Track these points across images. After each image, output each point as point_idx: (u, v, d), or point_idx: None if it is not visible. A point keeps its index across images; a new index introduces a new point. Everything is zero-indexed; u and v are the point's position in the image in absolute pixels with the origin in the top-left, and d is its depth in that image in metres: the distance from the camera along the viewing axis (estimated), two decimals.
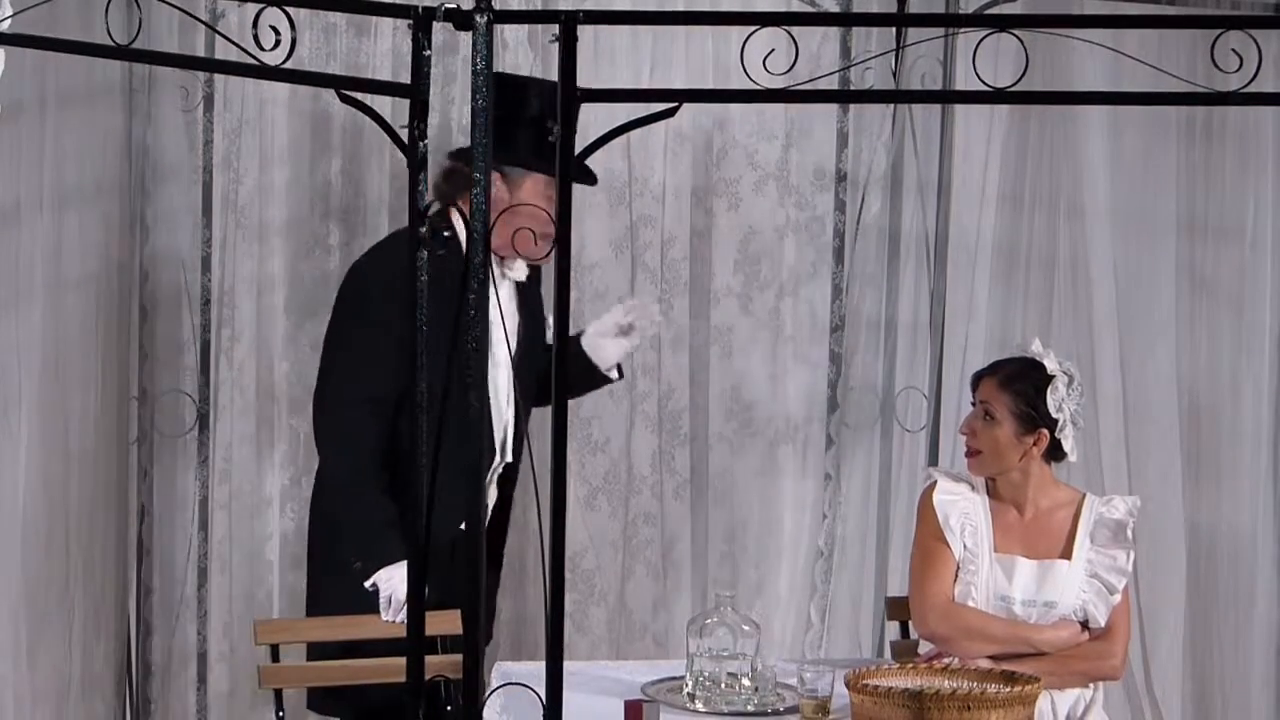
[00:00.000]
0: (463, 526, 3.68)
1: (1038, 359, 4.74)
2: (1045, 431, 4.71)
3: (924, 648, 4.81)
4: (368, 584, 4.92)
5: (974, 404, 4.78)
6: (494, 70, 3.53)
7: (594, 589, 6.03)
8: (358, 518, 4.95)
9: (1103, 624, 4.69)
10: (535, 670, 3.79)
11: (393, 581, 4.90)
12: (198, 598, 5.95)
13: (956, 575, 4.72)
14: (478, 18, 3.48)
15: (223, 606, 5.95)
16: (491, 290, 4.78)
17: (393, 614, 4.90)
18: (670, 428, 6.05)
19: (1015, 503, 4.76)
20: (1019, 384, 4.71)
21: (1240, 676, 6.09)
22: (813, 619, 6.13)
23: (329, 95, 5.63)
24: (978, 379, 4.80)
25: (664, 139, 5.97)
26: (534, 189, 4.96)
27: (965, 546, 4.72)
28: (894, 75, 5.89)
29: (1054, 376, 4.70)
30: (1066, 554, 4.72)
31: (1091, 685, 4.74)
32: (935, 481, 4.81)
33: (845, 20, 6.15)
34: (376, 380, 4.92)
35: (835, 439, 6.12)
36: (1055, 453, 4.74)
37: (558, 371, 3.63)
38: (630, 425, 6.04)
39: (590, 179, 4.92)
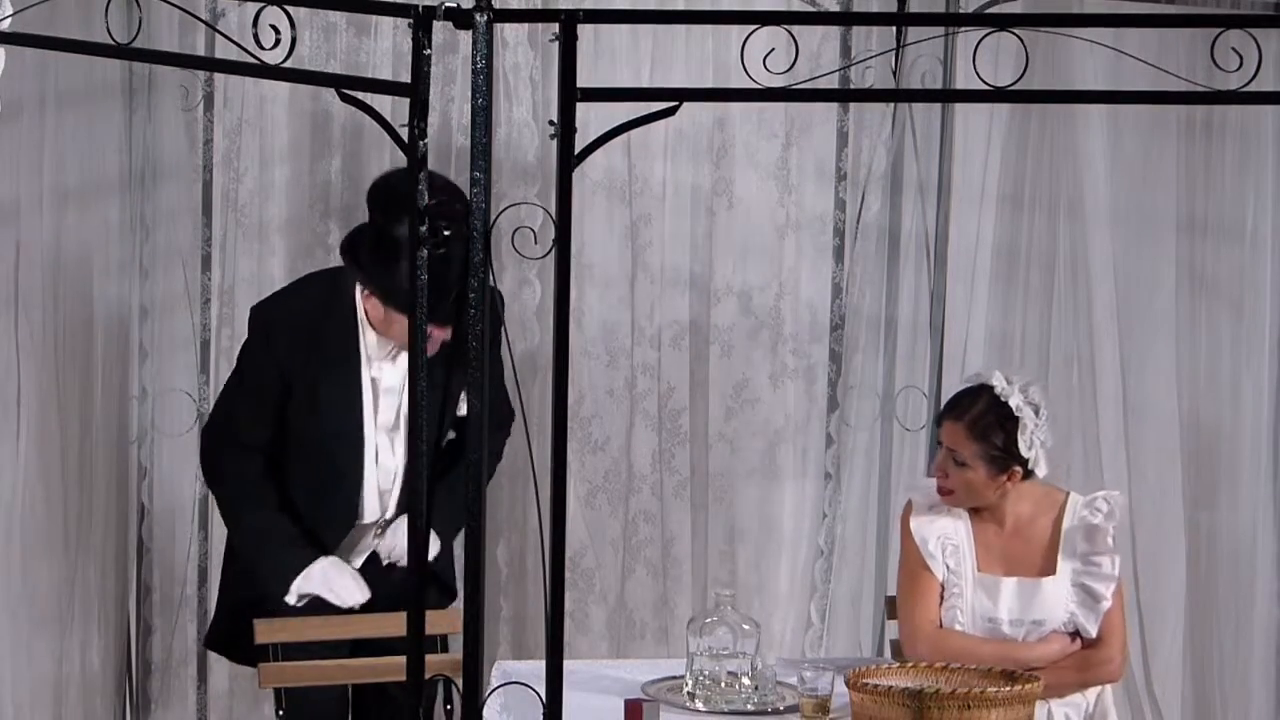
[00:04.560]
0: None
1: (1001, 397, 4.59)
2: (1018, 468, 4.62)
3: None
4: (292, 600, 4.90)
5: (939, 444, 4.68)
6: (489, 71, 3.53)
7: (594, 588, 6.03)
8: (249, 547, 4.95)
9: (1094, 634, 4.63)
10: (535, 669, 3.79)
11: (312, 580, 4.89)
12: (198, 597, 5.94)
13: (942, 598, 4.69)
14: (478, 17, 3.48)
15: None
16: (372, 363, 4.85)
17: (349, 600, 4.90)
18: (670, 427, 6.04)
19: (995, 520, 4.70)
20: (986, 431, 4.58)
21: (1240, 676, 6.09)
22: (813, 619, 6.12)
23: (329, 94, 5.64)
24: (940, 420, 4.69)
25: (664, 138, 5.96)
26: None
27: (949, 568, 4.67)
28: (894, 74, 5.89)
29: (1020, 417, 4.57)
30: (1049, 569, 4.65)
31: (1096, 691, 4.71)
32: (909, 503, 4.75)
33: (845, 20, 6.14)
34: (245, 426, 4.93)
35: (835, 438, 6.11)
36: (1027, 475, 4.66)
37: (558, 370, 3.62)
38: (630, 424, 6.03)
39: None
